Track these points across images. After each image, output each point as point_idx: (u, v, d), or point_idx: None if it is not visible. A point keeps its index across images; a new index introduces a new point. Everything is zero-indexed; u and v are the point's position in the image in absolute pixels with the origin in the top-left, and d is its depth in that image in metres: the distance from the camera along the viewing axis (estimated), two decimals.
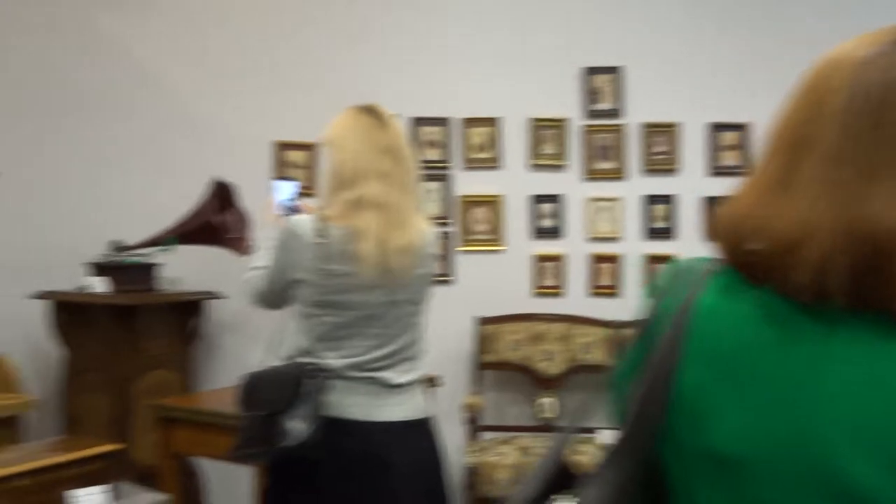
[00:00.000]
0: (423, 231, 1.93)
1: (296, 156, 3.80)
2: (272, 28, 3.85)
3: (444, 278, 3.64)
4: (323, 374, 1.81)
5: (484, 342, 3.66)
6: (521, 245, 3.82)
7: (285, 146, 3.79)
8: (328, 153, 1.91)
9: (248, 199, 3.48)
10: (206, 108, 3.82)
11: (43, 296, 3.30)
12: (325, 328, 1.85)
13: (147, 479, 3.30)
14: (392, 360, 1.89)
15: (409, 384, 1.92)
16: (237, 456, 1.87)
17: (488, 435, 3.52)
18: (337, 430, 1.80)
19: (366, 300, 1.84)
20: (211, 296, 3.51)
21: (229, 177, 3.45)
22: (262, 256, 1.97)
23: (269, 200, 2.14)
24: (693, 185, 3.77)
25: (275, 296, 1.93)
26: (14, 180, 3.18)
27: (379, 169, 1.84)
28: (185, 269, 3.57)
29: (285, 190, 2.17)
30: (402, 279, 1.87)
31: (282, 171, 3.72)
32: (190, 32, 3.85)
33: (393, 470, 1.85)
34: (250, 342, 3.69)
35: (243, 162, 3.71)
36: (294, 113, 3.77)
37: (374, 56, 3.80)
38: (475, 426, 3.45)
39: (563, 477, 0.75)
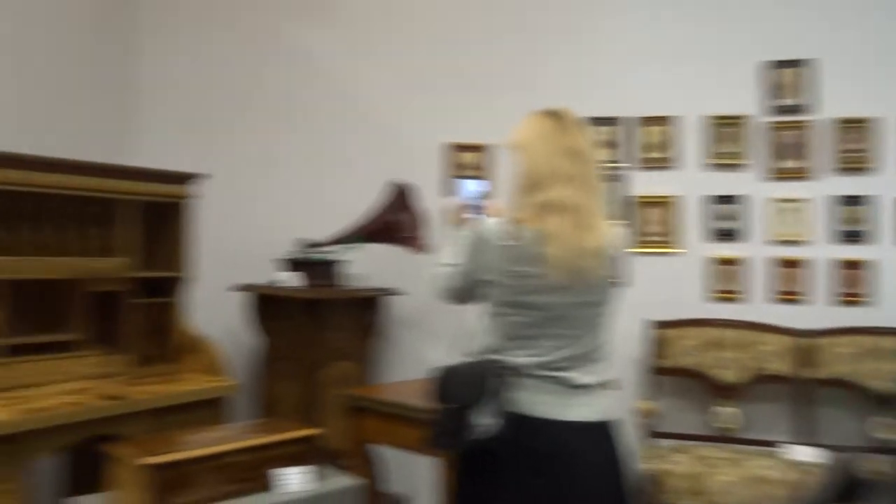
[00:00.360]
0: (610, 233, 1.93)
1: (467, 157, 3.90)
2: (445, 33, 3.96)
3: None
4: (510, 372, 1.85)
5: (658, 346, 3.58)
6: (696, 247, 3.70)
7: (457, 148, 3.90)
8: (515, 157, 1.94)
9: (422, 198, 3.63)
10: (384, 111, 4.00)
11: (242, 288, 3.60)
12: (513, 327, 1.90)
13: (331, 462, 3.51)
14: (576, 361, 1.90)
15: (593, 385, 1.92)
16: (432, 445, 1.95)
17: (662, 442, 3.43)
18: (525, 427, 1.84)
19: (553, 301, 1.86)
20: (391, 292, 3.67)
21: (405, 177, 3.60)
22: (449, 253, 2.03)
23: (455, 199, 2.21)
24: (894, 184, 3.49)
25: (462, 293, 2.00)
26: (218, 182, 3.47)
27: (565, 172, 1.86)
28: (366, 265, 3.77)
29: (471, 189, 2.22)
30: (590, 281, 1.87)
31: (455, 171, 3.84)
32: (368, 38, 4.05)
33: (577, 470, 1.86)
34: (425, 338, 3.83)
35: (418, 162, 3.86)
36: (466, 115, 3.87)
37: (545, 56, 3.82)
38: (649, 432, 3.38)
39: (851, 487, 0.74)
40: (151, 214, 3.20)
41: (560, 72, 3.75)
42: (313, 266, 3.54)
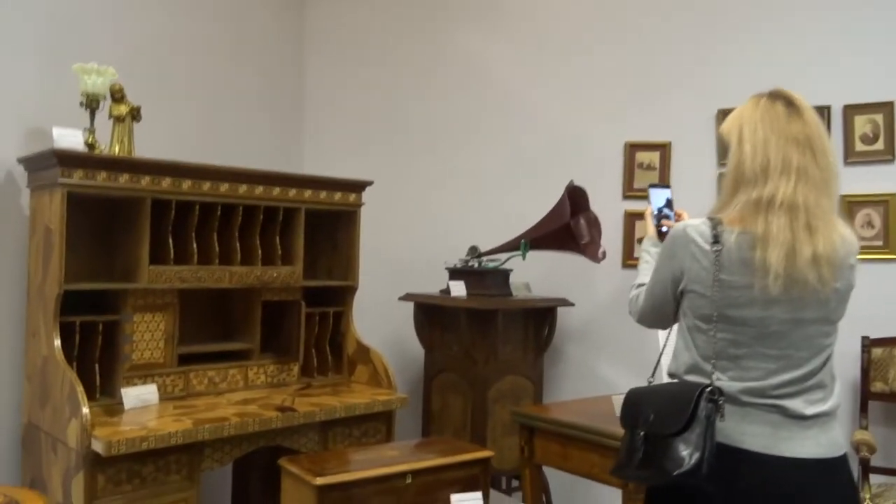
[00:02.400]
0: (842, 238, 1.60)
1: (646, 157, 3.60)
2: (621, 31, 3.70)
3: None
4: (722, 398, 1.57)
5: (873, 368, 3.10)
6: None
7: (636, 147, 3.61)
8: (730, 147, 1.65)
9: (600, 201, 3.38)
10: (557, 115, 3.79)
11: (406, 298, 3.50)
12: (716, 346, 1.61)
13: (496, 483, 3.33)
14: (799, 388, 1.58)
15: (821, 415, 1.59)
16: (617, 474, 1.71)
17: (876, 478, 2.96)
18: (731, 460, 1.55)
19: (766, 316, 1.56)
20: (565, 303, 3.44)
21: (584, 180, 3.36)
22: (644, 272, 1.84)
23: (648, 209, 1.99)
24: None
25: (662, 313, 1.75)
26: (384, 190, 3.41)
27: (792, 164, 1.56)
28: (533, 274, 3.57)
29: (659, 197, 2.00)
30: (813, 294, 1.56)
31: (635, 173, 3.57)
32: (538, 42, 3.86)
33: None
34: (600, 353, 3.57)
35: (596, 165, 3.62)
36: (646, 114, 3.59)
37: (729, 49, 3.46)
38: (865, 467, 2.92)
39: None
40: (320, 223, 3.18)
41: (748, 63, 3.37)
42: (481, 275, 3.38)
